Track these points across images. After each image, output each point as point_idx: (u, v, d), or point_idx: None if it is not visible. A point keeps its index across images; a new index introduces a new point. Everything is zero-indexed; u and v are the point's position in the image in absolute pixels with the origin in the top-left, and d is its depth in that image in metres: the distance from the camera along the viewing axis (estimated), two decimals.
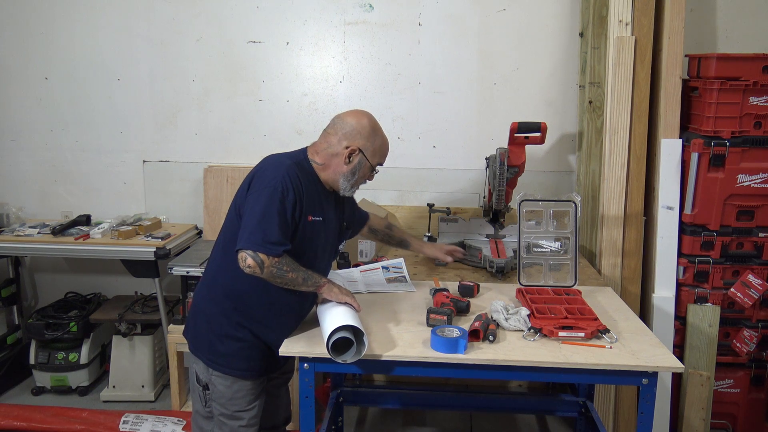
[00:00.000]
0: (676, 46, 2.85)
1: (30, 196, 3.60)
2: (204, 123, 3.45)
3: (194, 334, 2.08)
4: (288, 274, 1.89)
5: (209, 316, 2.03)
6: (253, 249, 1.84)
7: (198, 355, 2.05)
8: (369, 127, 2.03)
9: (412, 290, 2.42)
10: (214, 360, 2.01)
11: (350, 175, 2.02)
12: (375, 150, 2.04)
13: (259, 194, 1.89)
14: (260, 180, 1.92)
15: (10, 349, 3.51)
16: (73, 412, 3.02)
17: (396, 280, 2.42)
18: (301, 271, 1.92)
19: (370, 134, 2.02)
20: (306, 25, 3.31)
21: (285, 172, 1.91)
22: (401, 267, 2.42)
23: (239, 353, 2.00)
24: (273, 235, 1.85)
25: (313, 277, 1.97)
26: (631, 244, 2.97)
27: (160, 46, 3.39)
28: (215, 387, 2.03)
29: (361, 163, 2.02)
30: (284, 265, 1.87)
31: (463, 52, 3.28)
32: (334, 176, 2.02)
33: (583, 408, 2.81)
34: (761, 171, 2.76)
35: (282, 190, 1.87)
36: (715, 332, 2.84)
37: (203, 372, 2.05)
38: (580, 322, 2.02)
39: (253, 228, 1.85)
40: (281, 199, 1.87)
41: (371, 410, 3.29)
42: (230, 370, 2.01)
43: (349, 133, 2.00)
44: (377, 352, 1.89)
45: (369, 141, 2.02)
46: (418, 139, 3.38)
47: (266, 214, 1.85)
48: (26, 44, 3.44)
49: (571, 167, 3.37)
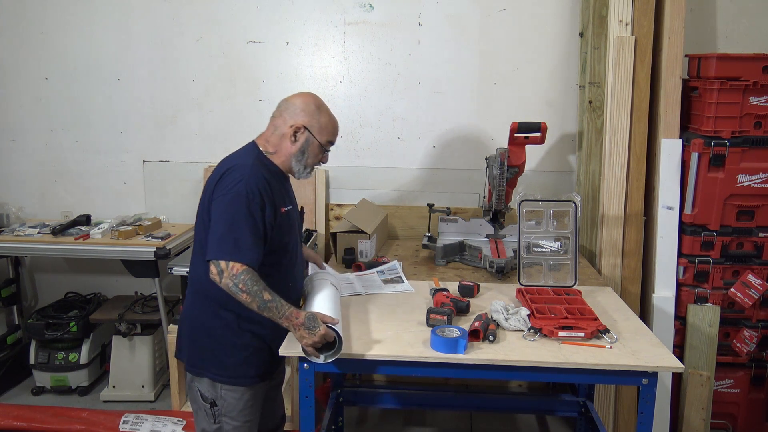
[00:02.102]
0: (676, 46, 2.85)
1: (30, 196, 3.60)
2: (204, 123, 3.45)
3: (194, 352, 2.00)
4: (241, 295, 1.79)
5: (210, 330, 1.97)
6: (216, 257, 1.80)
7: (201, 373, 1.99)
8: (312, 105, 2.00)
9: (410, 290, 2.42)
10: (222, 374, 1.97)
11: (300, 154, 1.99)
12: (322, 127, 2.00)
13: (222, 201, 1.85)
14: (222, 187, 1.87)
15: (10, 349, 3.51)
16: (73, 412, 3.01)
17: (392, 281, 2.42)
18: (260, 299, 1.79)
19: (315, 111, 1.99)
20: (306, 25, 3.31)
21: (248, 174, 1.87)
22: (396, 269, 2.42)
23: (247, 361, 1.98)
24: (242, 241, 1.81)
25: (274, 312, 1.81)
26: (631, 244, 2.97)
27: (160, 46, 3.39)
28: (225, 401, 1.98)
29: (308, 141, 1.99)
30: (240, 282, 1.78)
31: (463, 52, 3.28)
32: (286, 160, 2.00)
33: (583, 408, 2.81)
34: (761, 171, 2.76)
35: (247, 194, 1.83)
36: (715, 332, 2.84)
37: (209, 389, 1.99)
38: (580, 322, 2.02)
39: (220, 237, 1.81)
40: (247, 205, 1.83)
41: (371, 410, 3.29)
42: (241, 380, 1.98)
43: (293, 112, 1.98)
44: (377, 352, 1.89)
45: (314, 118, 1.99)
46: (418, 139, 3.38)
47: (233, 222, 1.82)
48: (26, 44, 3.44)
49: (571, 167, 3.37)
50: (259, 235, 1.86)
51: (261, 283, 1.82)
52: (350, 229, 2.88)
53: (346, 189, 3.44)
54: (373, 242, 2.91)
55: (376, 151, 3.41)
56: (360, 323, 2.11)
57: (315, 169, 2.11)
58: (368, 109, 3.38)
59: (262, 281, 1.83)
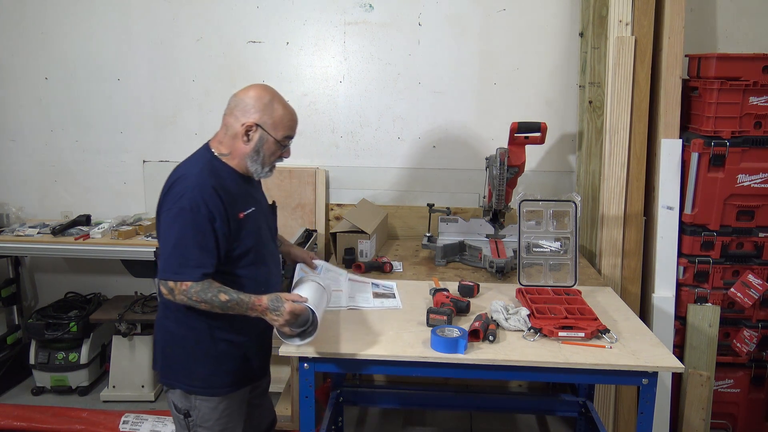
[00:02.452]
0: (676, 46, 2.85)
1: (30, 196, 3.60)
2: (204, 123, 3.45)
3: (167, 364, 1.96)
4: (200, 305, 1.77)
5: (183, 340, 1.91)
6: (164, 277, 1.76)
7: (173, 384, 1.94)
8: (264, 99, 1.87)
9: (398, 307, 2.24)
10: (195, 384, 1.92)
11: (254, 154, 1.88)
12: (276, 122, 1.87)
13: (167, 217, 1.79)
14: (168, 200, 1.82)
15: (10, 349, 3.51)
16: (73, 412, 3.02)
17: (383, 295, 2.32)
18: (218, 302, 1.77)
19: (266, 106, 1.86)
20: (306, 25, 3.31)
21: (193, 187, 1.78)
22: (392, 288, 2.35)
23: (219, 370, 1.92)
24: (190, 257, 1.75)
25: (237, 308, 1.79)
26: (631, 244, 2.97)
27: (160, 46, 3.39)
28: (199, 411, 1.93)
29: (262, 139, 1.87)
30: (193, 296, 1.75)
31: (463, 52, 3.28)
32: (241, 161, 1.89)
33: (583, 408, 2.81)
34: (761, 171, 2.76)
35: (191, 208, 1.75)
36: (715, 332, 2.84)
37: (182, 400, 1.94)
38: (580, 322, 2.02)
39: (167, 255, 1.76)
40: (192, 219, 1.75)
41: (371, 410, 3.29)
42: (214, 389, 1.93)
43: (243, 109, 1.87)
44: (378, 352, 1.89)
45: (266, 113, 1.86)
46: (418, 139, 3.38)
47: (179, 239, 1.76)
48: (26, 44, 3.44)
49: (571, 167, 3.37)
50: (209, 248, 1.78)
51: (213, 287, 1.78)
52: (350, 229, 2.88)
53: (346, 189, 3.44)
54: (373, 242, 2.91)
55: (376, 151, 3.41)
56: (360, 323, 2.11)
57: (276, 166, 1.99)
58: (368, 109, 3.38)
59: (214, 285, 1.78)
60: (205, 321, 1.88)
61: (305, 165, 3.41)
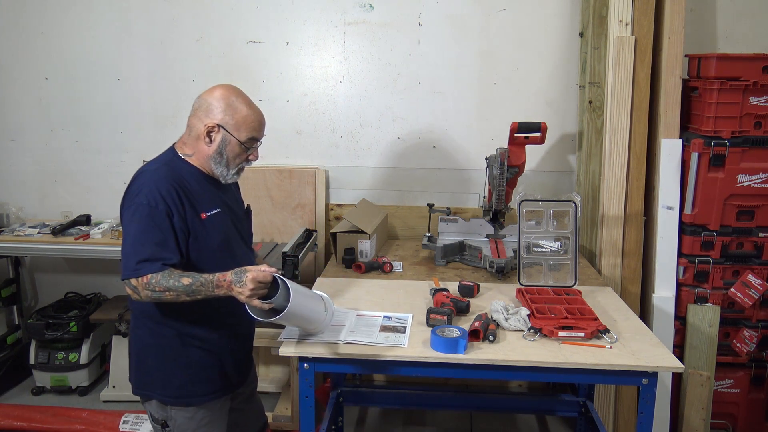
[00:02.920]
0: (676, 46, 2.85)
1: (30, 196, 3.60)
2: None
3: (140, 375, 1.93)
4: (165, 295, 1.70)
5: (156, 349, 1.88)
6: (126, 276, 1.71)
7: (150, 395, 1.91)
8: (227, 99, 1.82)
9: (401, 345, 1.93)
10: (169, 395, 1.88)
11: (218, 156, 1.83)
12: (238, 123, 1.81)
13: (126, 215, 1.76)
14: (126, 199, 1.80)
15: (10, 349, 3.51)
16: (73, 412, 3.02)
17: (393, 329, 2.05)
18: (182, 286, 1.69)
19: (228, 106, 1.81)
20: (306, 25, 3.31)
21: (149, 182, 1.76)
22: (406, 321, 2.11)
23: (193, 379, 1.88)
24: (147, 252, 1.70)
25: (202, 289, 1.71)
26: (631, 244, 2.97)
27: (160, 46, 3.39)
28: (176, 422, 1.89)
29: (225, 140, 1.82)
30: (156, 286, 1.68)
31: (463, 52, 3.28)
32: (205, 162, 1.85)
33: (583, 408, 2.81)
34: (761, 171, 2.76)
35: (148, 203, 1.73)
36: (715, 332, 2.84)
37: (158, 411, 1.90)
38: (580, 322, 2.02)
39: (127, 254, 1.72)
40: (149, 215, 1.72)
41: (371, 410, 3.29)
42: (190, 399, 1.88)
43: (206, 110, 1.82)
44: (378, 352, 1.89)
45: (228, 114, 1.81)
46: (418, 139, 3.38)
47: (137, 234, 1.72)
48: (26, 44, 3.44)
49: (571, 167, 3.37)
50: (169, 244, 1.74)
51: (174, 273, 1.71)
52: (350, 229, 2.88)
53: (346, 189, 3.44)
54: (373, 242, 2.91)
55: (376, 151, 3.41)
56: None
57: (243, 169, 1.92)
58: (368, 109, 3.38)
59: (175, 272, 1.71)
60: (176, 328, 1.85)
61: (305, 165, 3.41)
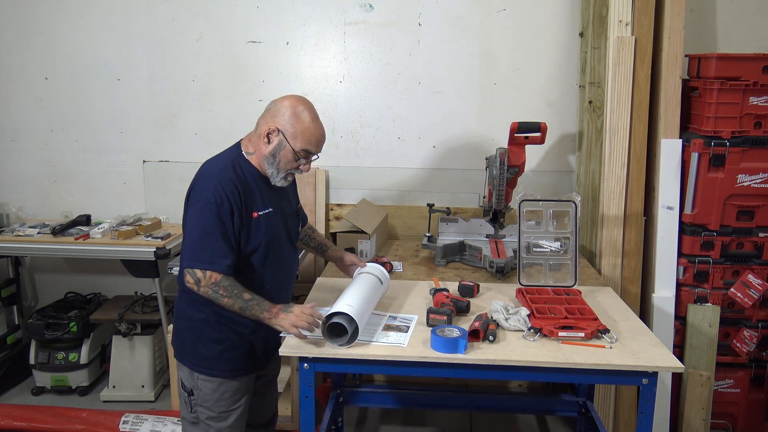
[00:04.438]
0: (676, 46, 2.85)
1: (30, 196, 3.60)
2: (204, 123, 3.45)
3: (179, 341, 2.07)
4: (223, 299, 1.86)
5: (192, 322, 2.02)
6: (192, 266, 1.85)
7: (183, 361, 2.05)
8: (295, 108, 1.93)
9: (401, 344, 1.95)
10: (199, 364, 2.01)
11: (271, 157, 1.94)
12: (296, 133, 1.91)
13: (194, 209, 1.88)
14: (195, 194, 1.92)
15: (10, 349, 3.51)
16: (73, 412, 3.01)
17: (396, 328, 2.06)
18: (241, 300, 1.87)
19: (292, 116, 1.92)
20: (306, 25, 3.31)
21: (216, 180, 1.88)
22: (411, 321, 2.11)
23: (222, 355, 2.00)
24: (217, 249, 1.85)
25: (256, 308, 1.88)
26: (631, 244, 2.97)
27: (160, 46, 3.39)
28: (201, 391, 2.02)
29: (281, 144, 1.92)
30: (221, 289, 1.85)
31: (463, 52, 3.28)
32: (261, 162, 1.97)
33: (583, 408, 2.80)
34: (761, 171, 2.76)
35: (216, 201, 1.85)
36: (715, 332, 2.84)
37: (188, 378, 2.04)
38: (580, 322, 2.02)
39: (194, 245, 1.86)
40: (217, 212, 1.85)
41: (371, 410, 3.29)
42: (216, 371, 2.01)
43: (273, 113, 1.94)
44: (378, 352, 1.89)
45: (289, 122, 1.91)
46: (418, 139, 3.38)
47: (206, 230, 1.85)
48: (26, 44, 3.44)
49: (571, 167, 3.37)
50: (231, 241, 1.88)
51: (238, 285, 1.88)
52: (350, 229, 2.88)
53: (346, 189, 3.44)
54: (373, 242, 2.91)
55: (376, 151, 3.41)
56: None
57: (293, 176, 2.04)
58: (368, 109, 3.38)
59: (238, 284, 1.88)
60: (212, 308, 1.95)
61: None
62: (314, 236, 2.42)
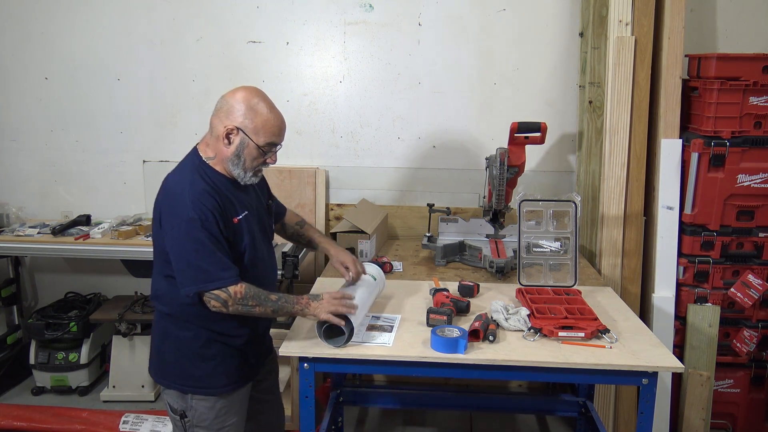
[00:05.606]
0: (676, 46, 2.85)
1: (30, 196, 3.60)
2: (204, 123, 3.37)
3: (161, 365, 1.95)
4: (255, 310, 1.80)
5: (179, 342, 1.90)
6: (206, 289, 1.75)
7: (169, 385, 1.93)
8: (248, 102, 1.81)
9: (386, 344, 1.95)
10: (191, 384, 1.90)
11: (235, 158, 1.82)
12: (257, 127, 1.80)
13: (178, 232, 1.75)
14: (171, 216, 1.78)
15: (10, 349, 3.51)
16: (73, 412, 3.02)
17: (379, 328, 2.06)
18: (270, 303, 1.82)
19: (248, 110, 1.80)
20: (306, 25, 3.31)
21: (191, 196, 1.76)
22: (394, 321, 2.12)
23: (216, 370, 1.90)
24: (219, 263, 1.76)
25: (286, 305, 1.84)
26: (631, 244, 2.97)
27: (160, 46, 3.39)
28: (195, 411, 1.91)
29: (243, 143, 1.80)
30: (250, 300, 1.79)
31: (463, 52, 3.28)
32: (225, 165, 1.85)
33: (583, 408, 2.81)
34: (761, 171, 2.76)
35: (199, 217, 1.74)
36: (715, 332, 2.84)
37: (177, 401, 1.92)
38: (580, 322, 2.02)
39: (193, 267, 1.75)
40: (203, 227, 1.74)
41: (371, 410, 3.29)
42: (211, 390, 1.90)
43: (227, 111, 1.82)
44: (377, 352, 1.89)
45: (247, 118, 1.79)
46: (418, 139, 3.38)
47: (199, 248, 1.74)
48: (26, 44, 3.44)
49: (571, 167, 3.37)
50: (227, 252, 1.80)
51: (261, 289, 1.83)
52: (350, 229, 2.88)
53: (346, 189, 3.44)
54: (373, 242, 2.91)
55: (376, 151, 3.41)
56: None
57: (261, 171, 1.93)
58: (368, 109, 3.38)
59: (260, 289, 1.82)
60: (201, 325, 1.88)
61: (305, 165, 3.42)
62: (303, 231, 2.29)
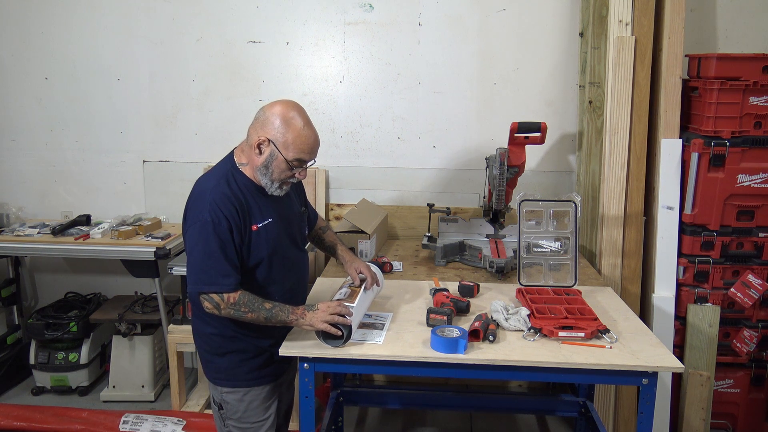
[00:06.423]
0: (676, 46, 2.85)
1: (30, 196, 3.60)
2: (204, 123, 3.45)
3: (202, 357, 2.06)
4: (247, 316, 1.84)
5: (205, 337, 2.00)
6: (203, 290, 1.82)
7: (207, 376, 2.05)
8: (281, 116, 1.85)
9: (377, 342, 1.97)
10: (219, 377, 2.00)
11: (264, 168, 1.87)
12: (288, 142, 1.84)
13: (193, 231, 1.84)
14: (191, 215, 1.87)
15: (10, 349, 3.51)
16: (73, 412, 3.01)
17: (371, 326, 2.08)
18: (264, 310, 1.85)
19: (282, 124, 1.84)
20: (306, 25, 3.31)
21: (210, 199, 1.82)
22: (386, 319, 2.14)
23: (241, 365, 1.99)
24: (221, 269, 1.81)
25: (280, 314, 1.87)
26: (631, 244, 2.97)
27: (160, 46, 3.39)
28: (228, 404, 2.01)
29: (273, 155, 1.85)
30: (242, 306, 1.83)
31: (463, 52, 3.28)
32: (255, 172, 1.91)
33: (583, 408, 2.81)
34: (761, 171, 2.76)
35: (213, 220, 1.80)
36: (715, 332, 2.84)
37: (215, 392, 2.04)
38: (580, 322, 2.02)
39: (197, 268, 1.83)
40: (215, 231, 1.80)
41: (371, 410, 3.29)
42: (237, 382, 1.99)
43: (263, 122, 1.86)
44: (377, 352, 1.89)
45: (280, 131, 1.84)
46: (418, 139, 3.38)
47: (206, 251, 1.81)
48: (26, 44, 3.44)
49: (571, 167, 3.37)
50: (233, 259, 1.84)
51: (257, 297, 1.86)
52: (350, 229, 2.88)
53: (346, 189, 3.44)
54: (373, 242, 2.91)
55: (376, 151, 3.41)
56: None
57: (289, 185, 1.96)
58: (368, 109, 3.38)
59: (256, 296, 1.86)
60: (229, 325, 1.94)
61: None
62: (324, 237, 2.35)
